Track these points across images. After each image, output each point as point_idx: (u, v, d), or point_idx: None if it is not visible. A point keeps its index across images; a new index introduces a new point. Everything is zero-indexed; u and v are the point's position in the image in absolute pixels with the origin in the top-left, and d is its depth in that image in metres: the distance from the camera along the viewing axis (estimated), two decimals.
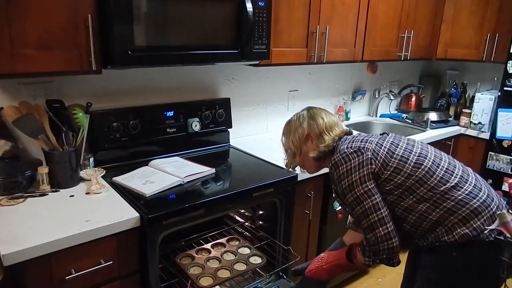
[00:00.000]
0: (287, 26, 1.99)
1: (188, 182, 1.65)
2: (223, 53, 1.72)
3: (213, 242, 1.84)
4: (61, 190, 1.52)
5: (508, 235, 1.16)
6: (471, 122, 2.79)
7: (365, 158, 1.22)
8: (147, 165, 1.79)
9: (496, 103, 2.64)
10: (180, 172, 1.68)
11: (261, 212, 1.98)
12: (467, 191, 1.19)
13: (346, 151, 1.25)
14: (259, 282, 1.79)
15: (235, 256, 1.74)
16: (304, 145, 1.43)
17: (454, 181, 1.20)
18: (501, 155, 2.62)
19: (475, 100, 2.76)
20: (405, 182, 1.20)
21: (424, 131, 2.75)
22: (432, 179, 1.19)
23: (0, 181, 1.45)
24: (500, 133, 2.60)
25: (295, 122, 1.46)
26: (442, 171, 1.21)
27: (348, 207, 1.27)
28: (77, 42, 1.39)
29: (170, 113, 1.93)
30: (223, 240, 1.86)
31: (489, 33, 2.66)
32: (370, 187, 1.20)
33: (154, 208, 1.40)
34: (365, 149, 1.23)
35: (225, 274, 1.62)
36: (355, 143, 1.27)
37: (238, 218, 2.09)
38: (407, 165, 1.21)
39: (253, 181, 1.68)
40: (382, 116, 3.13)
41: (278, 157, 1.61)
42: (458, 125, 2.87)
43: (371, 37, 2.41)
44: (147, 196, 1.49)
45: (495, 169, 2.65)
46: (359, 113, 3.09)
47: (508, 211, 1.20)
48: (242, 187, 1.62)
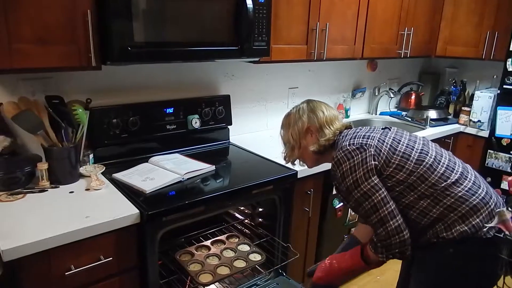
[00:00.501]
0: (287, 23, 1.98)
1: (188, 179, 1.65)
2: (222, 49, 1.72)
3: (212, 239, 1.85)
4: (60, 186, 1.52)
5: (507, 233, 1.16)
6: (470, 120, 2.79)
7: (368, 155, 1.20)
8: (147, 161, 1.79)
9: (496, 101, 2.64)
10: (180, 169, 1.68)
11: (260, 209, 1.98)
12: (466, 188, 1.19)
13: (349, 148, 1.23)
14: (258, 279, 1.80)
15: (235, 253, 1.74)
16: (304, 139, 1.41)
17: (454, 178, 1.19)
18: (500, 153, 2.62)
19: (474, 98, 2.77)
20: (407, 179, 1.19)
21: (424, 129, 2.75)
22: (433, 175, 1.19)
23: None
24: (499, 131, 2.60)
25: (295, 115, 1.44)
26: (443, 167, 1.21)
27: (353, 204, 1.25)
28: (76, 38, 1.38)
29: (170, 110, 1.92)
30: (222, 237, 1.86)
31: (488, 31, 2.65)
32: (375, 181, 1.19)
33: (154, 205, 1.40)
34: (367, 145, 1.22)
35: (224, 271, 1.62)
36: (357, 139, 1.26)
37: (237, 215, 2.09)
38: (409, 162, 1.20)
39: (253, 178, 1.68)
40: (381, 113, 3.13)
41: (278, 154, 1.61)
42: (458, 123, 2.87)
43: (370, 34, 2.41)
44: (147, 192, 1.49)
45: (494, 167, 2.65)
46: (358, 110, 3.10)
47: (507, 208, 1.20)
48: (241, 184, 1.62)
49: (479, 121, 2.74)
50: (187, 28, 1.58)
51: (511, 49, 2.50)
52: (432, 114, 2.89)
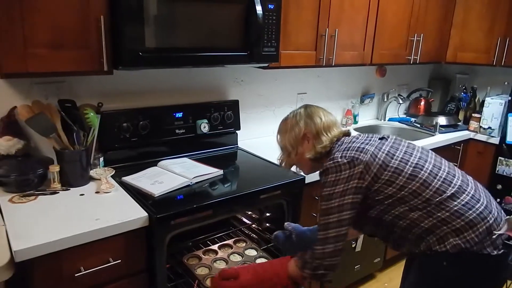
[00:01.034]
0: (296, 28, 1.99)
1: (196, 183, 1.66)
2: (232, 55, 1.73)
3: (220, 243, 1.85)
4: (71, 188, 1.55)
5: None
6: (480, 127, 2.76)
7: (355, 172, 1.17)
8: (156, 165, 1.80)
9: (507, 108, 2.61)
10: (189, 173, 1.69)
11: (268, 214, 1.98)
12: (463, 202, 1.14)
13: (340, 160, 1.19)
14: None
15: (242, 257, 1.75)
16: (300, 145, 1.37)
17: (451, 191, 1.15)
18: (511, 160, 2.59)
19: (485, 105, 2.74)
20: (396, 193, 1.16)
21: (433, 135, 2.73)
22: (428, 190, 1.15)
23: (13, 179, 1.47)
24: (510, 138, 2.57)
25: (292, 120, 1.40)
26: (439, 181, 1.17)
27: (320, 212, 1.22)
28: (89, 43, 1.41)
29: (179, 114, 1.94)
30: (230, 242, 1.87)
31: (499, 37, 2.64)
32: (349, 201, 1.16)
33: (163, 208, 1.41)
34: (358, 160, 1.18)
35: None
36: (350, 152, 1.21)
37: (245, 220, 2.09)
38: (400, 177, 1.16)
39: (261, 183, 1.68)
40: (390, 120, 3.11)
41: None
42: (468, 129, 2.84)
43: (380, 40, 2.41)
44: (156, 196, 1.51)
45: (505, 174, 2.62)
46: (367, 116, 3.09)
47: None
48: (249, 189, 1.63)
49: (489, 127, 2.71)
50: (197, 33, 1.60)
51: None
52: (442, 120, 2.87)
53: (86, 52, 1.41)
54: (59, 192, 1.51)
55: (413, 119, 3.08)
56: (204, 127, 2.01)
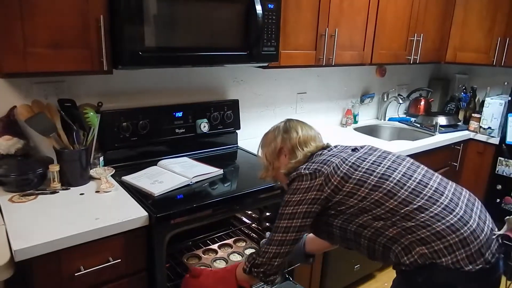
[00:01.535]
0: (296, 28, 1.99)
1: (196, 182, 1.66)
2: (232, 54, 1.73)
3: (220, 242, 1.85)
4: (71, 188, 1.55)
5: None
6: (480, 127, 2.77)
7: (315, 184, 1.18)
8: (156, 165, 1.80)
9: (506, 108, 2.62)
10: (188, 173, 1.69)
11: (268, 214, 1.98)
12: (432, 213, 1.09)
13: (303, 172, 1.22)
14: (264, 283, 1.79)
15: (242, 257, 1.75)
16: (277, 160, 1.38)
17: (418, 203, 1.11)
18: (510, 160, 2.59)
19: (484, 105, 2.74)
20: (357, 204, 1.15)
21: (433, 135, 2.73)
22: (392, 200, 1.12)
23: (12, 178, 1.47)
24: (510, 138, 2.58)
25: (271, 134, 1.41)
26: (407, 192, 1.13)
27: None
28: (89, 43, 1.41)
29: (179, 114, 1.95)
30: (230, 241, 1.87)
31: (499, 37, 2.64)
32: (302, 210, 1.18)
33: (162, 208, 1.41)
34: (320, 173, 1.19)
35: None
36: (314, 165, 1.22)
37: (245, 220, 2.09)
38: (363, 188, 1.15)
39: (261, 182, 1.67)
40: (390, 119, 3.11)
41: None
42: (467, 129, 2.85)
43: (380, 40, 2.41)
44: (156, 195, 1.51)
45: (504, 174, 2.63)
46: (367, 116, 3.09)
47: None
48: (249, 188, 1.63)
49: (489, 128, 2.72)
50: (197, 33, 1.60)
51: None
52: (442, 120, 2.87)
53: (86, 51, 1.41)
54: (59, 192, 1.51)
55: (413, 119, 3.08)
56: (204, 126, 2.01)
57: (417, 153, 2.41)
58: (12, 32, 1.27)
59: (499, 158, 2.64)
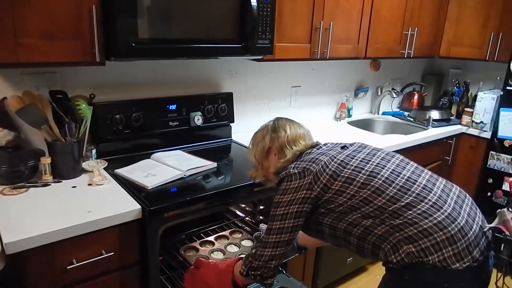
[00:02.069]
0: (291, 21, 1.98)
1: (189, 175, 1.65)
2: (226, 47, 1.72)
3: (216, 234, 1.86)
4: (63, 181, 1.53)
5: (507, 233, 1.16)
6: (473, 121, 2.79)
7: (304, 183, 1.18)
8: (149, 157, 1.79)
9: (498, 103, 2.64)
10: (182, 166, 1.69)
11: (261, 207, 1.98)
12: (420, 211, 1.09)
13: (291, 171, 1.21)
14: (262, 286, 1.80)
15: (239, 248, 1.75)
16: (266, 159, 1.38)
17: (406, 200, 1.11)
18: (502, 154, 2.62)
19: (477, 99, 2.77)
20: (347, 202, 1.15)
21: (426, 129, 2.75)
22: (381, 198, 1.12)
23: (3, 171, 1.45)
24: (501, 133, 2.60)
25: (260, 133, 1.41)
26: (395, 189, 1.13)
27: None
28: (81, 33, 1.39)
29: (173, 107, 1.93)
30: (226, 233, 1.87)
31: (492, 32, 2.65)
32: (294, 210, 1.18)
33: (156, 201, 1.40)
34: (309, 171, 1.19)
35: None
36: (303, 163, 1.22)
37: (238, 213, 2.09)
38: (351, 186, 1.15)
39: None
40: (384, 113, 3.13)
41: None
42: (460, 124, 2.87)
43: (374, 34, 2.41)
44: (149, 188, 1.50)
45: (496, 168, 2.65)
46: (361, 110, 3.10)
47: (508, 209, 1.20)
48: (243, 181, 1.62)
49: (481, 122, 2.74)
50: (191, 25, 1.59)
51: None
52: (435, 114, 2.89)
53: (78, 42, 1.39)
54: (50, 184, 1.49)
55: (406, 113, 3.09)
56: (198, 119, 2.00)
57: (410, 147, 2.43)
58: (2, 22, 1.24)
59: (491, 152, 2.67)
